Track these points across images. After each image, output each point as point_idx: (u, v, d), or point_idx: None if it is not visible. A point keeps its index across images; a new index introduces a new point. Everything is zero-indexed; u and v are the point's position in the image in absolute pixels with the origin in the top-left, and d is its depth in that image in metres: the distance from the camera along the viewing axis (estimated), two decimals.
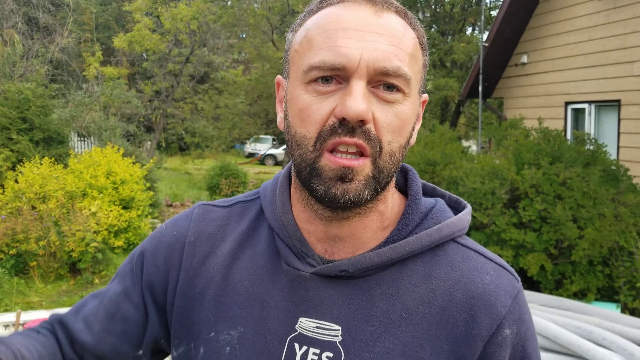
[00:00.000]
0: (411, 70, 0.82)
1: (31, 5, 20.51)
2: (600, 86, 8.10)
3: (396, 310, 0.86)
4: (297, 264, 0.90)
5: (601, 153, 6.34)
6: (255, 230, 0.98)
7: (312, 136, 0.81)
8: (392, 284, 0.87)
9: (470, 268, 0.89)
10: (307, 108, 0.81)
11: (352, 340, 0.85)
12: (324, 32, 0.81)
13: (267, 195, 1.00)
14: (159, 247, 1.01)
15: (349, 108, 0.77)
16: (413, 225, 0.91)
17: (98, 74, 20.28)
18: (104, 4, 27.87)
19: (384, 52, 0.79)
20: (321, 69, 0.80)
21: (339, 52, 0.79)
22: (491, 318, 0.86)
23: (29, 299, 6.88)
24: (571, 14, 8.70)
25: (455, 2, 15.56)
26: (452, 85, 13.75)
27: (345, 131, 0.78)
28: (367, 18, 0.81)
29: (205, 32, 21.57)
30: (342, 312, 0.87)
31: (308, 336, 0.86)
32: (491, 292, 0.87)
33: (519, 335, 0.88)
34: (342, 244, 0.90)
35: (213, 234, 0.98)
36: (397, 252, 0.87)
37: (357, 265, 0.87)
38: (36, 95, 11.02)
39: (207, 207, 1.03)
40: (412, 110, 0.85)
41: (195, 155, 21.59)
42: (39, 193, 8.24)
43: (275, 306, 0.89)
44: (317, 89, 0.81)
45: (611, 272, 5.72)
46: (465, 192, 5.97)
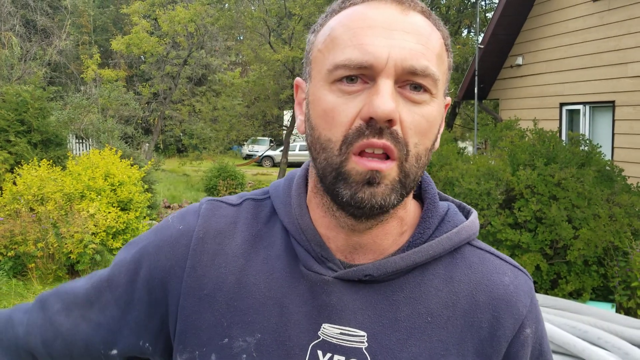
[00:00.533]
0: (438, 70, 0.81)
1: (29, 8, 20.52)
2: (595, 87, 8.15)
3: (421, 314, 0.85)
4: (317, 268, 0.86)
5: (596, 154, 6.38)
6: (268, 232, 0.93)
7: (338, 139, 0.78)
8: (415, 288, 0.86)
9: (489, 270, 0.90)
10: (333, 109, 0.78)
11: (378, 346, 0.83)
12: (349, 30, 0.79)
13: (280, 195, 0.95)
14: (163, 240, 0.94)
15: (377, 107, 0.74)
16: (432, 228, 0.90)
17: (96, 76, 20.30)
18: (102, 7, 27.88)
19: (412, 51, 0.77)
20: (347, 67, 0.77)
21: (366, 50, 0.76)
22: (514, 318, 0.87)
23: (27, 300, 6.89)
24: (566, 16, 8.75)
25: (451, 4, 15.61)
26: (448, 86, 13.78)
27: (373, 132, 0.76)
28: (394, 16, 0.78)
29: (203, 35, 21.60)
30: (367, 318, 0.84)
31: (332, 343, 0.83)
32: (512, 293, 0.88)
33: (537, 333, 0.90)
34: (363, 251, 0.87)
35: (222, 230, 0.92)
36: (421, 255, 0.86)
37: (381, 270, 0.85)
38: (34, 97, 11.03)
39: (216, 202, 0.97)
40: (439, 112, 0.83)
41: (193, 157, 21.59)
42: (37, 195, 8.26)
43: (295, 312, 0.85)
44: (342, 89, 0.78)
45: (606, 272, 5.75)
46: (461, 193, 6.01)
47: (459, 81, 13.47)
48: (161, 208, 12.57)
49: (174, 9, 20.57)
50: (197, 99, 23.63)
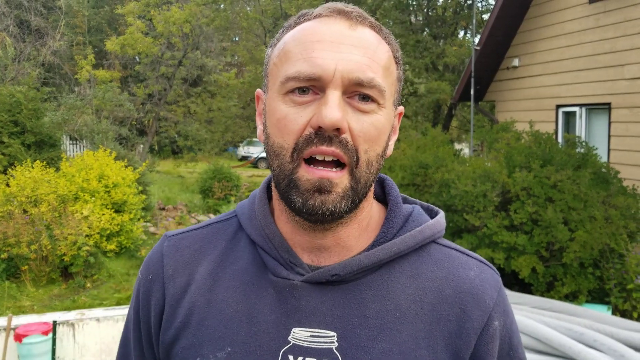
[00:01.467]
0: (385, 81, 0.85)
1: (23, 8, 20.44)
2: (591, 89, 8.15)
3: (389, 310, 0.87)
4: (286, 273, 0.89)
5: (592, 156, 6.38)
6: (233, 248, 0.96)
7: (290, 146, 0.82)
8: (383, 285, 0.89)
9: (454, 265, 0.93)
10: (285, 118, 0.83)
11: (348, 345, 0.85)
12: (300, 44, 0.84)
13: (245, 212, 0.99)
14: (141, 298, 0.99)
15: (325, 117, 0.79)
16: (397, 228, 0.93)
17: (90, 77, 20.23)
18: (97, 7, 27.80)
19: (358, 64, 0.82)
20: (297, 79, 0.81)
21: (315, 62, 0.81)
22: (481, 311, 0.89)
23: (20, 303, 6.84)
24: (562, 18, 8.75)
25: (447, 5, 15.61)
26: (445, 88, 13.79)
27: (322, 140, 0.80)
28: (342, 31, 0.83)
29: (198, 35, 21.58)
30: (336, 318, 0.86)
31: (303, 346, 0.85)
32: (478, 287, 0.91)
33: (505, 327, 0.92)
34: (328, 252, 0.90)
35: (189, 261, 0.97)
36: (385, 253, 0.89)
37: (347, 268, 0.87)
38: (28, 98, 10.98)
39: (176, 237, 1.01)
40: (387, 121, 0.87)
41: (188, 158, 21.54)
42: (30, 197, 8.21)
43: (264, 320, 0.88)
44: (294, 100, 0.83)
45: (602, 274, 5.74)
46: (457, 195, 5.99)
47: (455, 83, 13.48)
48: (156, 210, 12.52)
49: (169, 10, 20.53)
50: (192, 100, 23.58)
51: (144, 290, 0.98)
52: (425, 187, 6.64)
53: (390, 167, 7.22)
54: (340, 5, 0.87)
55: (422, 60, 14.33)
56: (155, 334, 0.96)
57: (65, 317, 4.95)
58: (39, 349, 4.62)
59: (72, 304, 6.85)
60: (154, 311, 0.96)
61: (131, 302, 1.03)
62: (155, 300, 0.96)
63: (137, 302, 1.00)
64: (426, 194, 6.55)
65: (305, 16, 0.89)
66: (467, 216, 5.88)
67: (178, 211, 13.03)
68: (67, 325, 4.85)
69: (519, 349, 0.95)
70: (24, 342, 4.57)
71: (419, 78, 17.88)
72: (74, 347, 4.87)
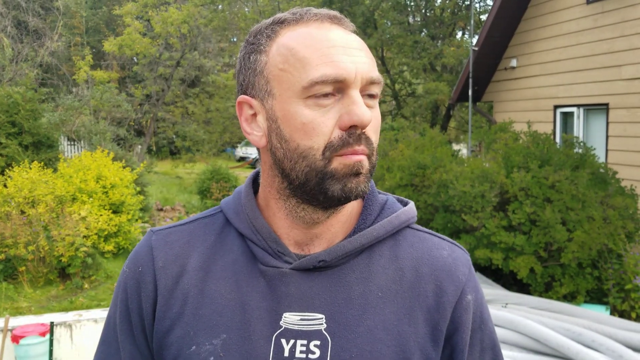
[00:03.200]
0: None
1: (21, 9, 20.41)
2: (589, 90, 8.16)
3: (372, 291, 0.94)
4: (275, 262, 0.95)
5: (590, 156, 6.38)
6: (222, 242, 1.01)
7: (320, 146, 0.88)
8: (365, 268, 0.96)
9: (428, 247, 1.01)
10: (312, 121, 0.87)
11: (336, 325, 0.92)
12: (316, 50, 0.88)
13: (231, 207, 1.04)
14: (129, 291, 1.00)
15: (360, 116, 0.86)
16: (374, 215, 1.01)
17: (88, 78, 20.21)
18: (94, 8, 27.78)
19: (368, 65, 0.89)
20: (325, 82, 0.86)
21: (339, 66, 0.86)
22: (455, 285, 0.98)
23: (17, 304, 6.83)
24: (560, 19, 8.76)
25: (445, 6, 15.62)
26: (442, 89, 13.80)
27: (356, 140, 0.87)
28: (344, 36, 0.90)
29: (196, 36, 21.57)
30: (324, 301, 0.93)
31: (293, 329, 0.91)
32: (451, 264, 0.99)
33: (476, 301, 1.00)
34: (318, 241, 0.97)
35: (179, 253, 1.00)
36: (366, 238, 0.96)
37: (333, 254, 0.94)
38: (25, 99, 10.97)
39: (163, 231, 1.05)
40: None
41: (186, 159, 21.52)
42: (28, 197, 8.20)
43: (257, 307, 0.93)
44: (318, 103, 0.87)
45: (600, 275, 5.75)
46: (455, 195, 5.99)
47: (453, 83, 13.48)
48: (154, 211, 12.51)
49: (166, 10, 20.51)
50: (190, 100, 23.58)
51: (133, 282, 1.00)
52: (423, 187, 6.64)
53: (389, 168, 7.21)
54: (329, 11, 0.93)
55: (420, 60, 14.33)
56: (148, 324, 0.99)
57: (62, 318, 4.94)
58: (36, 350, 4.61)
59: (69, 305, 6.83)
60: (146, 302, 0.98)
61: (115, 298, 1.04)
62: (146, 291, 0.98)
63: (124, 295, 1.01)
64: (424, 195, 6.54)
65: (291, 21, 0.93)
66: (465, 217, 5.88)
67: (176, 212, 13.02)
68: (64, 327, 4.83)
69: (489, 323, 1.03)
70: (21, 343, 4.55)
71: (417, 79, 17.89)
72: (72, 348, 4.86)
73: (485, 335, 1.02)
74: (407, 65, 15.75)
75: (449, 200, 6.08)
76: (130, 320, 1.01)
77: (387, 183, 6.88)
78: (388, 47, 15.49)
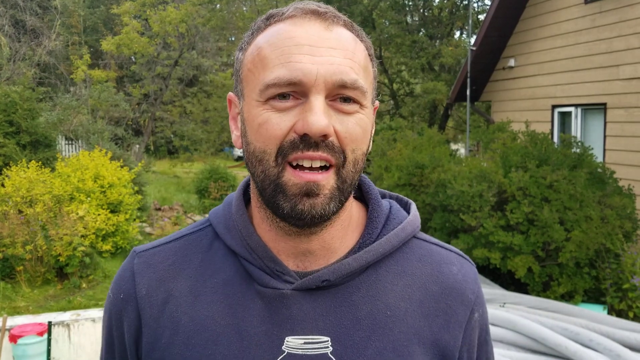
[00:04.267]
0: (366, 82, 0.84)
1: (18, 8, 20.38)
2: (587, 90, 8.17)
3: (380, 310, 0.88)
4: (274, 283, 0.87)
5: (587, 156, 6.39)
6: (210, 260, 0.93)
7: (272, 150, 0.81)
8: (372, 286, 0.89)
9: (437, 261, 0.96)
10: (266, 123, 0.81)
11: (343, 348, 0.85)
12: (277, 49, 0.81)
13: (221, 220, 0.96)
14: (113, 318, 0.95)
15: (312, 124, 0.77)
16: (380, 228, 0.94)
17: (86, 77, 20.18)
18: (92, 7, 27.75)
19: (340, 66, 0.80)
20: (277, 85, 0.80)
21: (294, 67, 0.79)
22: (465, 305, 0.93)
23: (15, 303, 6.82)
24: (558, 18, 8.77)
25: (443, 6, 15.63)
26: (441, 88, 13.81)
27: (308, 146, 0.79)
28: (319, 33, 0.82)
29: (194, 35, 21.55)
30: (329, 322, 0.86)
31: (297, 354, 0.84)
32: (461, 281, 0.95)
33: (482, 316, 0.97)
34: (313, 256, 0.90)
35: (164, 277, 0.93)
36: (372, 254, 0.90)
37: (337, 273, 0.87)
38: (23, 98, 10.95)
39: (147, 252, 0.97)
40: (370, 120, 0.87)
41: (184, 158, 21.52)
42: (25, 197, 8.18)
43: (254, 333, 0.86)
44: (274, 106, 0.81)
45: (598, 274, 5.75)
46: (453, 195, 5.99)
47: (451, 83, 13.49)
48: (152, 210, 12.50)
49: (164, 10, 20.50)
50: (188, 100, 23.58)
51: (115, 310, 0.94)
52: (421, 187, 6.64)
53: (387, 167, 7.22)
54: (313, 5, 0.85)
55: (418, 60, 14.34)
56: (131, 354, 0.93)
57: (60, 317, 4.93)
58: (34, 349, 4.60)
59: (67, 305, 6.83)
60: (128, 332, 0.92)
61: (103, 323, 0.99)
62: (128, 320, 0.92)
63: (109, 322, 0.96)
64: (422, 194, 6.55)
65: (276, 17, 0.86)
66: (463, 216, 5.88)
67: (174, 211, 13.01)
68: (62, 326, 4.83)
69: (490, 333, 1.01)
70: (19, 342, 4.55)
71: (415, 78, 17.90)
72: (70, 348, 4.85)
73: (489, 346, 1.00)
74: (405, 64, 15.76)
75: (447, 199, 6.09)
76: (114, 347, 0.96)
77: (386, 182, 6.88)
78: (386, 46, 15.49)
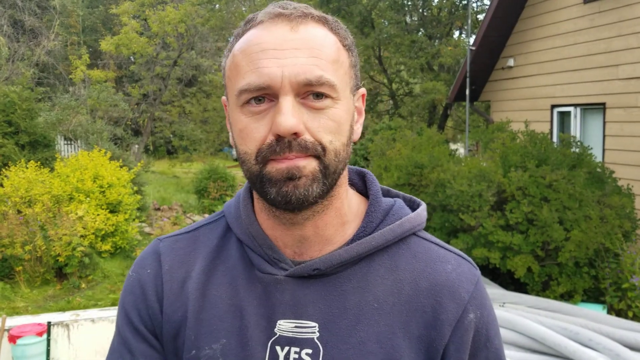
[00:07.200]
0: (335, 75, 0.87)
1: (17, 8, 20.36)
2: (586, 89, 8.17)
3: (368, 302, 0.92)
4: (270, 269, 0.94)
5: (587, 155, 6.39)
6: (223, 247, 1.01)
7: (253, 152, 0.86)
8: (362, 277, 0.93)
9: (432, 258, 0.97)
10: (246, 128, 0.87)
11: (328, 335, 0.90)
12: (246, 56, 0.87)
13: (232, 212, 1.04)
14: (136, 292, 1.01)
15: (279, 125, 0.82)
16: (377, 222, 0.97)
17: (85, 77, 20.17)
18: (91, 7, 27.72)
19: (304, 66, 0.84)
20: (249, 91, 0.85)
21: (262, 72, 0.84)
22: (456, 304, 0.93)
23: (14, 304, 6.82)
24: (557, 18, 8.77)
25: (442, 5, 15.62)
26: (440, 88, 13.80)
27: (283, 147, 0.84)
28: (284, 35, 0.86)
29: (193, 35, 21.54)
30: (318, 309, 0.92)
31: (288, 337, 0.91)
32: (454, 280, 0.95)
33: (482, 319, 0.95)
34: (309, 243, 0.95)
35: (185, 259, 1.01)
36: (364, 247, 0.93)
37: (327, 263, 0.92)
38: (22, 98, 10.95)
39: (170, 239, 1.06)
40: (346, 111, 0.90)
41: (183, 158, 21.52)
42: (24, 197, 8.18)
43: (254, 313, 0.93)
44: (251, 110, 0.86)
45: (597, 274, 5.76)
46: (452, 195, 5.99)
47: (451, 83, 13.49)
48: (151, 210, 12.50)
49: (163, 10, 20.49)
50: (187, 100, 23.57)
51: (140, 284, 1.01)
52: (420, 187, 6.64)
53: (386, 167, 7.22)
54: (279, 7, 0.89)
55: (418, 60, 14.33)
56: (158, 324, 0.99)
57: (59, 318, 4.93)
58: (33, 350, 4.60)
59: (66, 305, 6.82)
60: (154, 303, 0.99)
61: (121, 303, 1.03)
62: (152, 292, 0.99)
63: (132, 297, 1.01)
64: (422, 194, 6.54)
65: (251, 22, 0.91)
66: (462, 216, 5.88)
67: (173, 211, 13.01)
68: (61, 326, 4.83)
69: (495, 340, 0.98)
70: (19, 343, 4.55)
71: (414, 78, 17.89)
72: (69, 348, 4.85)
73: (490, 353, 0.97)
74: (404, 64, 15.75)
75: (447, 199, 6.08)
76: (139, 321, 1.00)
77: (385, 182, 6.88)
78: (385, 46, 15.49)
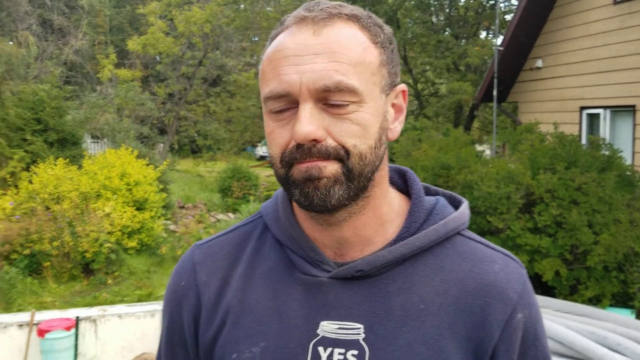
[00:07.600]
0: (359, 78, 0.84)
1: (46, 8, 20.69)
2: (615, 91, 8.05)
3: (414, 303, 0.91)
4: (314, 271, 0.94)
5: (617, 158, 6.29)
6: (260, 249, 1.01)
7: (278, 156, 0.88)
8: (407, 278, 0.92)
9: (479, 258, 0.95)
10: (272, 132, 0.88)
11: (374, 336, 0.89)
12: (271, 63, 0.87)
13: (270, 213, 1.04)
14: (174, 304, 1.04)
15: (296, 133, 0.82)
16: (420, 222, 0.96)
17: (112, 76, 20.41)
18: (118, 7, 28.05)
19: (322, 72, 0.82)
20: (272, 98, 0.86)
21: (282, 80, 0.84)
22: (504, 304, 0.92)
23: (42, 299, 6.92)
24: (586, 19, 8.65)
25: (469, 5, 15.50)
26: (466, 89, 13.70)
27: (303, 155, 0.84)
28: (306, 40, 0.84)
29: (218, 35, 21.66)
30: (362, 311, 0.90)
31: (331, 338, 0.90)
32: (502, 280, 0.93)
33: (530, 318, 0.94)
34: (349, 244, 0.94)
35: (221, 266, 1.02)
36: (408, 247, 0.92)
37: (372, 264, 0.91)
38: (50, 96, 11.11)
39: (206, 245, 1.07)
40: (373, 113, 0.87)
41: (207, 157, 21.65)
42: (53, 194, 8.29)
43: (294, 316, 0.93)
44: (277, 117, 0.87)
45: (626, 278, 5.67)
46: (480, 197, 5.94)
47: (477, 83, 13.39)
48: (176, 208, 12.60)
49: (190, 10, 20.63)
50: (212, 99, 23.71)
51: (176, 297, 1.03)
52: (447, 188, 6.59)
53: (412, 168, 7.18)
54: (305, 10, 0.88)
55: (444, 60, 14.23)
56: (190, 338, 1.01)
57: (87, 313, 4.99)
58: (61, 344, 4.66)
59: (93, 300, 6.90)
60: (188, 316, 1.01)
61: (163, 311, 1.07)
62: (188, 306, 1.01)
63: (169, 309, 1.05)
64: None
65: (280, 26, 0.91)
66: (490, 218, 5.83)
67: (198, 210, 13.09)
68: (89, 321, 4.89)
69: (543, 339, 0.97)
70: (47, 337, 4.61)
71: (440, 78, 17.79)
72: (96, 343, 4.91)
73: (538, 351, 0.97)
74: (430, 64, 15.67)
75: (474, 201, 6.04)
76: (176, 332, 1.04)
77: None
78: (411, 46, 15.42)
